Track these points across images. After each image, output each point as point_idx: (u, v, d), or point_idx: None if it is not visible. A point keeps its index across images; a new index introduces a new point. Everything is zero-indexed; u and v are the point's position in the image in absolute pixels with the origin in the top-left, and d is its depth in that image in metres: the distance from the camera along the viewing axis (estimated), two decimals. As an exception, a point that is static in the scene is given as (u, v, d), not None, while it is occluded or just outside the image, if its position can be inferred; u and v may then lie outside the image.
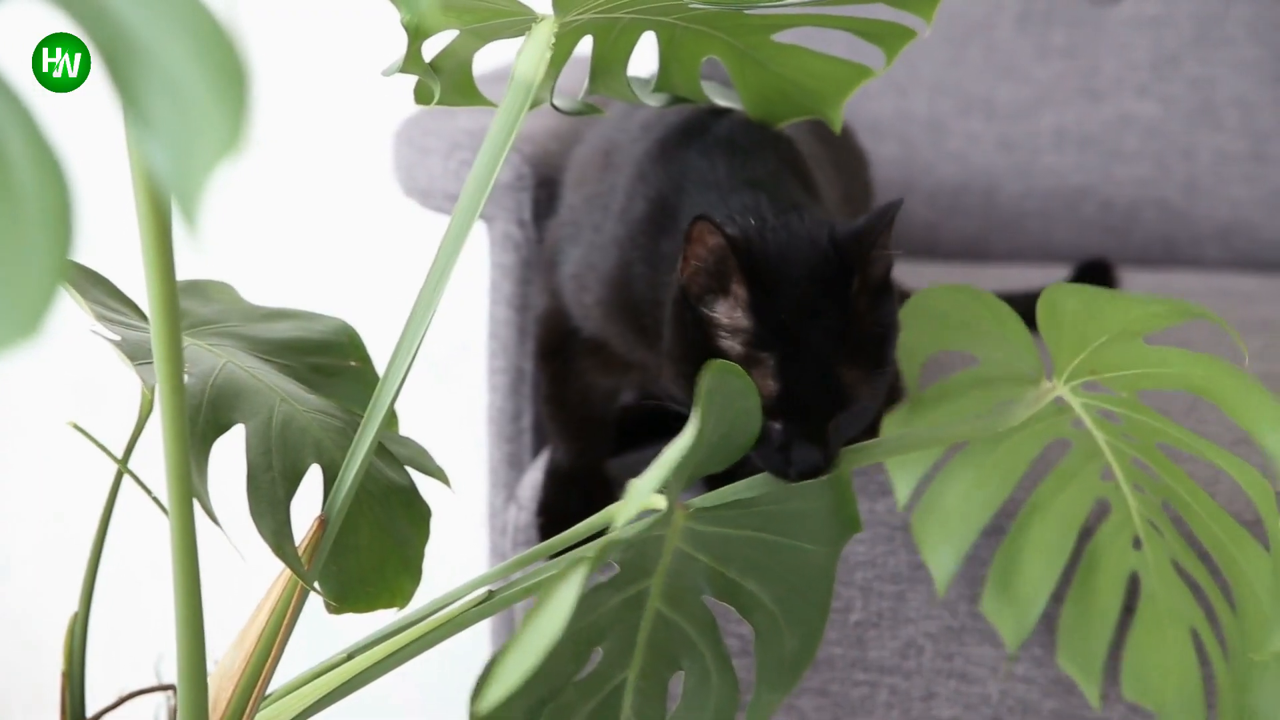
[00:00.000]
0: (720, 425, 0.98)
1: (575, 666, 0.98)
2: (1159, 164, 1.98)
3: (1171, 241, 1.98)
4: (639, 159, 1.22)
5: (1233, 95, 1.97)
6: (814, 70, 1.13)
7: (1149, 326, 1.00)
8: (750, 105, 1.15)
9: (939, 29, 2.03)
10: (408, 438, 1.14)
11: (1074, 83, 2.00)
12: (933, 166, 2.01)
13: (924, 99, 2.02)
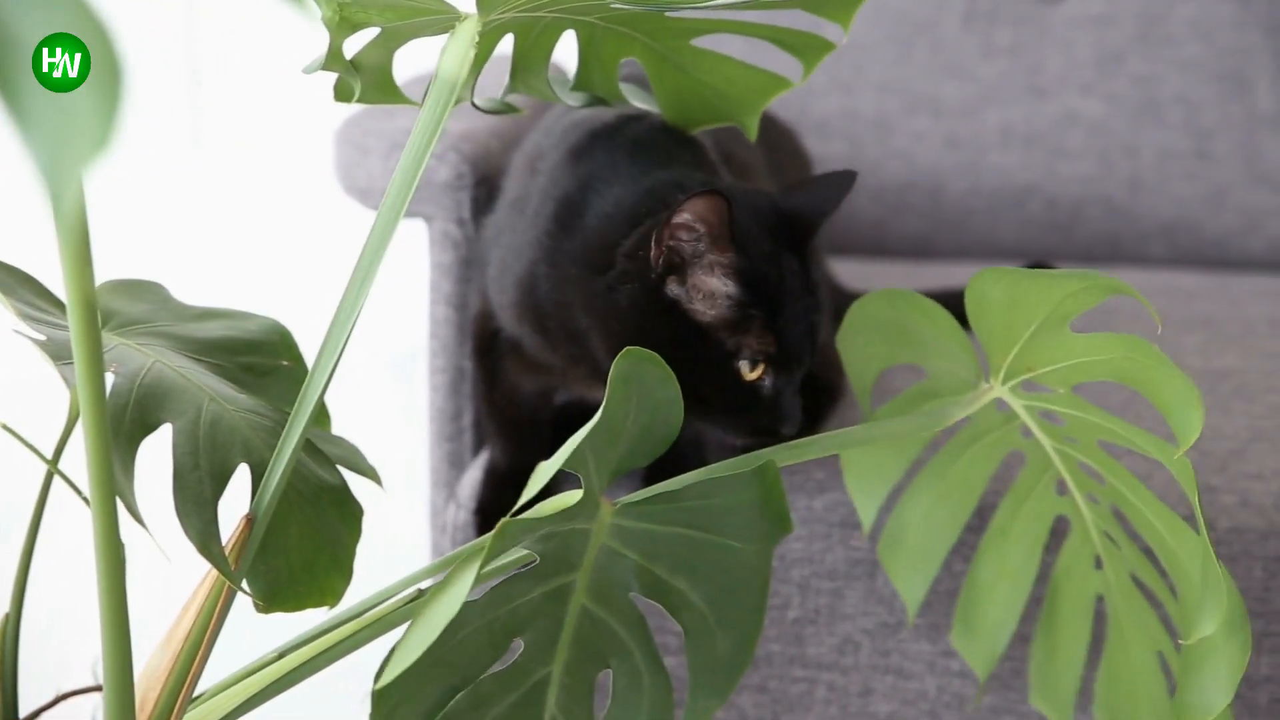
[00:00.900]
0: (641, 415, 0.98)
1: (491, 655, 0.98)
2: (1103, 162, 1.99)
3: (1116, 239, 1.99)
4: (552, 163, 1.23)
5: (1175, 93, 1.98)
6: (732, 77, 1.14)
7: (1074, 308, 1.01)
8: (667, 109, 1.16)
9: (885, 28, 2.04)
10: (340, 437, 1.14)
11: (1019, 81, 2.01)
12: (879, 165, 2.02)
13: (871, 98, 2.03)
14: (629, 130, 1.22)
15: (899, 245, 2.03)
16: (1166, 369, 0.96)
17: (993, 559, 1.19)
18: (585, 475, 0.97)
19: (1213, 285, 1.84)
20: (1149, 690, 1.13)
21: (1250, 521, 1.30)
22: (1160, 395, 0.98)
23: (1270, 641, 1.30)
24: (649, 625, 1.04)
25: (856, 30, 2.04)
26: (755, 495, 1.04)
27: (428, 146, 0.95)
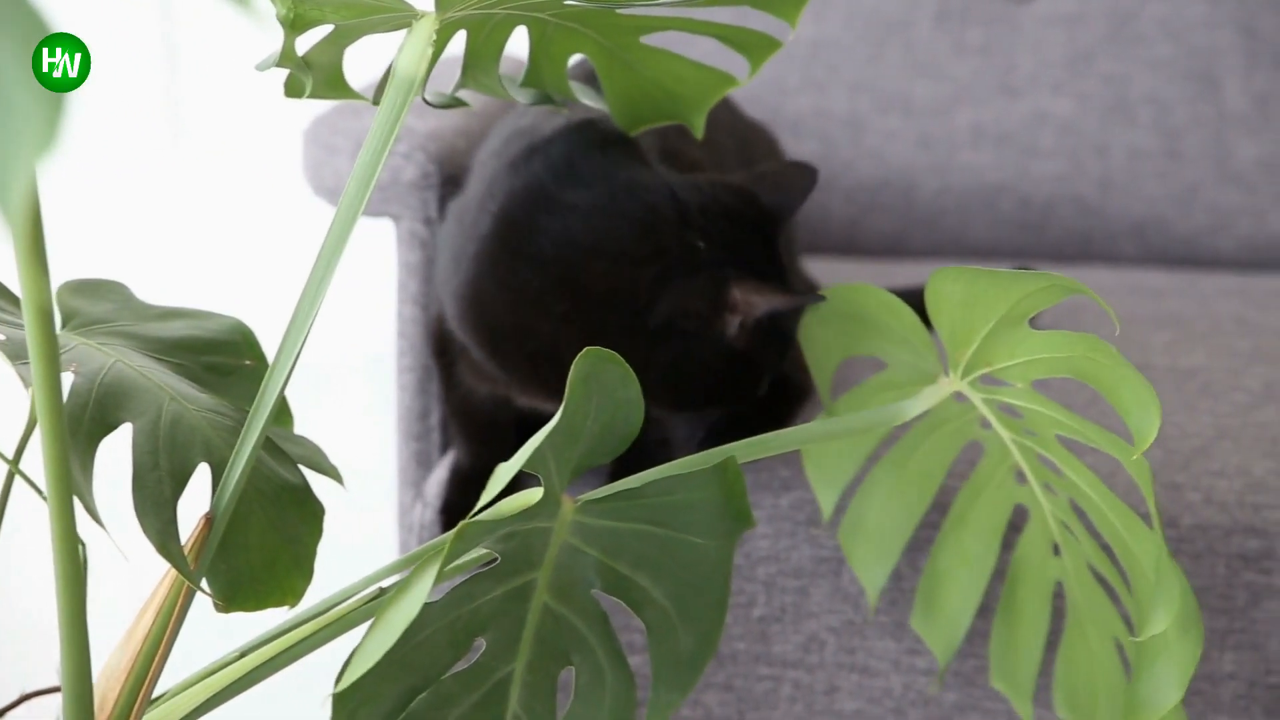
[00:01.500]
0: (601, 415, 0.98)
1: (453, 655, 0.98)
2: (1074, 161, 1.99)
3: (1087, 237, 2.00)
4: (491, 174, 1.26)
5: (1146, 92, 1.99)
6: (680, 75, 1.14)
7: (1032, 306, 1.01)
8: (615, 106, 1.16)
9: (858, 28, 2.04)
10: (302, 436, 1.14)
11: (990, 80, 2.02)
12: (852, 164, 2.02)
13: (843, 97, 2.03)
14: (570, 142, 1.23)
15: (871, 244, 2.04)
16: (1124, 369, 0.97)
17: (952, 545, 1.20)
18: (546, 474, 0.97)
19: (1182, 284, 1.84)
20: (1106, 675, 1.14)
21: (1214, 518, 1.31)
22: (1118, 395, 0.98)
23: (1234, 639, 1.30)
24: (611, 622, 1.04)
25: (829, 29, 2.04)
26: (716, 491, 1.04)
27: (386, 144, 0.95)
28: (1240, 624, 1.30)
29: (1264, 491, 1.32)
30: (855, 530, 1.21)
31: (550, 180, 1.21)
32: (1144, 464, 0.97)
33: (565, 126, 1.25)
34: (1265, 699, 1.30)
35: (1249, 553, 1.30)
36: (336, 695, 0.93)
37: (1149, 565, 1.02)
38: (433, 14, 0.96)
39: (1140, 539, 1.03)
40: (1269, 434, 1.40)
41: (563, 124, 1.26)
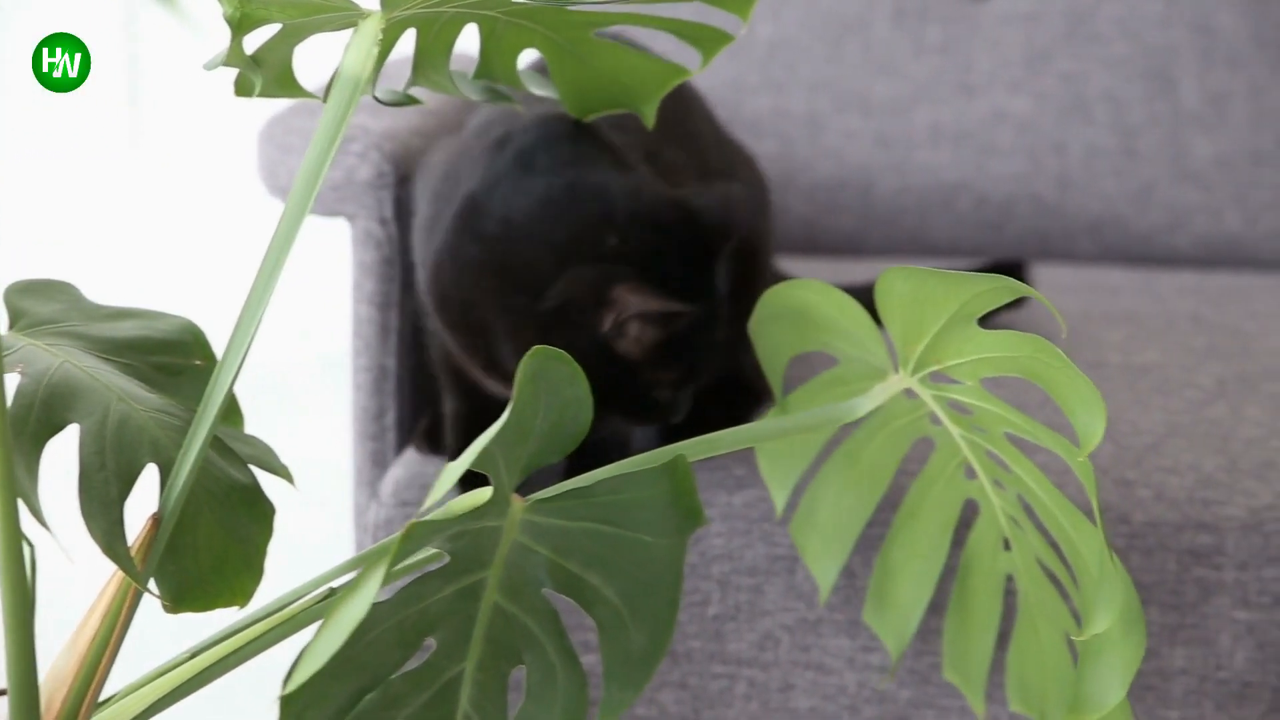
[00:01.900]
0: (550, 413, 0.98)
1: (402, 655, 0.98)
2: (1032, 159, 2.00)
3: (1045, 235, 2.00)
4: (469, 159, 1.29)
5: (1103, 91, 2.00)
6: (631, 67, 1.15)
7: (981, 306, 1.02)
8: (567, 98, 1.18)
9: (816, 27, 2.04)
10: (253, 436, 1.13)
11: (949, 79, 2.02)
12: (810, 163, 2.02)
13: (802, 96, 2.04)
14: (540, 133, 1.26)
15: (830, 243, 2.04)
16: (1070, 371, 0.97)
17: (904, 540, 1.21)
18: (495, 473, 0.98)
19: (1138, 281, 1.85)
20: (1057, 669, 1.15)
21: (1164, 515, 1.32)
22: (1065, 396, 0.99)
23: (1185, 634, 1.31)
24: (562, 621, 1.04)
25: (787, 29, 2.05)
26: (666, 489, 1.04)
27: (333, 143, 0.95)
28: (1191, 619, 1.31)
29: (1214, 487, 1.33)
30: (808, 525, 1.22)
31: (513, 166, 1.25)
32: (1088, 464, 0.98)
33: (542, 116, 1.28)
34: (1216, 694, 1.31)
35: (1199, 548, 1.31)
36: (284, 697, 0.93)
37: (1094, 563, 1.02)
38: (378, 13, 0.96)
39: (1086, 537, 1.04)
40: (1220, 430, 1.41)
41: (541, 113, 1.29)
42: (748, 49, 2.04)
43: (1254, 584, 1.30)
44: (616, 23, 1.10)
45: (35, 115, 3.09)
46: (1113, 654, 1.00)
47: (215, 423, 0.97)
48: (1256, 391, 1.49)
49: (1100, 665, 1.01)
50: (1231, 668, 1.31)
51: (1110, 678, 1.00)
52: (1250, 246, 1.96)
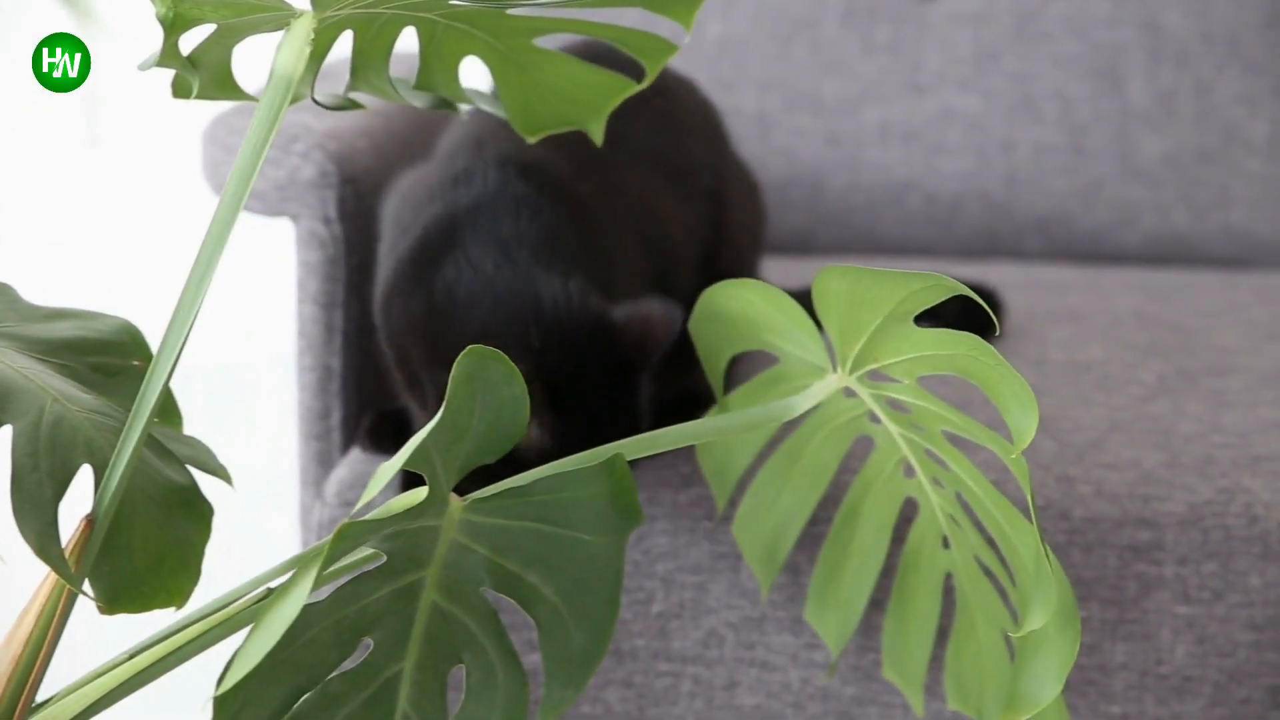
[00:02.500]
0: (487, 413, 0.98)
1: (339, 655, 0.97)
2: (981, 157, 2.01)
3: (994, 233, 2.01)
4: (430, 185, 1.33)
5: (1051, 89, 2.01)
6: (576, 79, 1.13)
7: (917, 305, 1.02)
8: (512, 112, 1.16)
9: (766, 26, 2.05)
10: (191, 437, 1.13)
11: (898, 78, 2.03)
12: (760, 162, 2.03)
13: (752, 95, 2.04)
14: (500, 187, 1.31)
15: (781, 241, 2.04)
16: (1003, 369, 0.98)
17: (845, 537, 1.21)
18: (431, 473, 0.97)
19: (1085, 279, 1.86)
20: (994, 666, 1.16)
21: (1105, 511, 1.32)
22: (999, 394, 0.99)
23: (1125, 629, 1.32)
24: (503, 620, 1.04)
25: (737, 28, 2.05)
26: (604, 488, 1.04)
27: (265, 143, 0.95)
28: (1131, 615, 1.32)
29: (1154, 483, 1.34)
30: (749, 523, 1.22)
31: (468, 226, 1.30)
32: (1023, 461, 0.98)
33: (503, 158, 1.32)
34: (1156, 688, 1.32)
35: (1139, 544, 1.31)
36: (218, 697, 0.92)
37: (1031, 560, 1.03)
38: (310, 13, 0.95)
39: (1023, 534, 1.04)
40: (1161, 426, 1.42)
41: (502, 154, 1.32)
42: (697, 48, 2.04)
43: (1193, 579, 1.31)
44: (558, 29, 1.10)
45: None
46: (1048, 651, 1.01)
47: (149, 422, 0.97)
48: (1197, 387, 1.50)
49: (1036, 662, 1.02)
50: (1172, 662, 1.32)
51: (1046, 674, 1.01)
52: (1197, 243, 1.98)
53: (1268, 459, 1.37)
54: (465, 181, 1.31)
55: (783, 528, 1.22)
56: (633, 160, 1.41)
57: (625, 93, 1.15)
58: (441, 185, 1.33)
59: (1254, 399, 1.48)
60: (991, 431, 1.02)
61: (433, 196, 1.32)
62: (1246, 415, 1.44)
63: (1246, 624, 1.31)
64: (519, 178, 1.31)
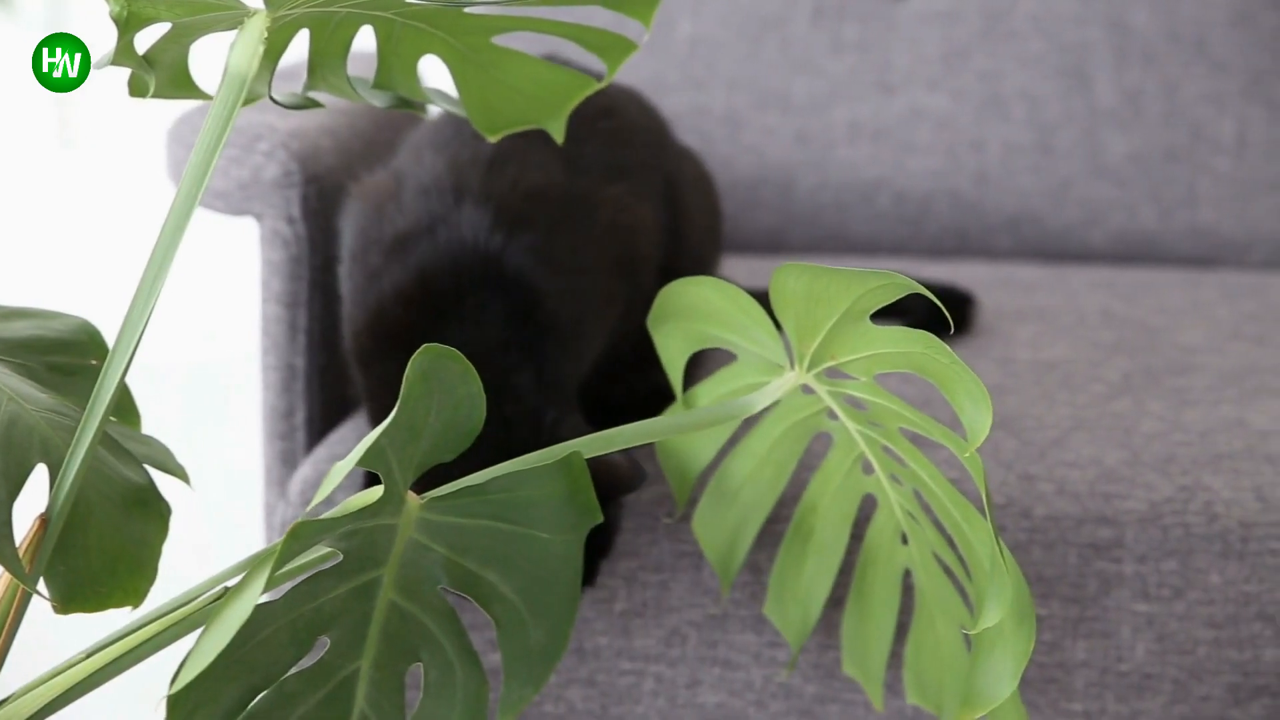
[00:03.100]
0: (443, 411, 0.98)
1: (295, 653, 0.97)
2: (950, 156, 2.01)
3: (963, 232, 2.02)
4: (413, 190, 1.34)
5: (1020, 88, 2.01)
6: (535, 77, 1.13)
7: (873, 303, 1.02)
8: (472, 111, 1.15)
9: (735, 25, 2.05)
10: (149, 436, 1.13)
11: (867, 77, 2.03)
12: (730, 160, 2.03)
13: (721, 94, 2.04)
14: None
15: (751, 240, 2.05)
16: (957, 367, 0.98)
17: (803, 533, 1.22)
18: (386, 471, 0.97)
19: (1053, 277, 1.87)
20: (953, 661, 1.16)
21: (1066, 509, 1.33)
22: (953, 392, 1.00)
23: (1085, 627, 1.32)
24: (461, 619, 1.04)
25: (707, 27, 2.05)
26: (562, 486, 1.05)
27: (219, 142, 0.95)
28: (1092, 612, 1.32)
29: (1115, 481, 1.34)
30: (709, 520, 1.23)
31: (438, 305, 1.31)
32: (977, 459, 0.99)
33: (481, 193, 1.33)
34: (1116, 686, 1.33)
35: (1100, 542, 1.32)
36: (171, 697, 0.92)
37: (986, 557, 1.03)
38: (264, 12, 0.95)
39: (979, 531, 1.05)
40: (1123, 424, 1.42)
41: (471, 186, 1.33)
42: (667, 47, 2.04)
43: (1153, 576, 1.32)
44: (516, 28, 1.09)
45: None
46: (1004, 648, 1.01)
47: (104, 420, 0.97)
48: (1160, 386, 1.51)
49: (992, 659, 1.02)
50: (1132, 660, 1.32)
51: (1001, 671, 1.01)
52: (1164, 242, 1.98)
53: (1228, 457, 1.37)
54: (434, 236, 1.31)
55: (742, 524, 1.22)
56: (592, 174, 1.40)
57: (585, 90, 1.15)
58: (415, 198, 1.33)
59: (1216, 397, 1.48)
60: (947, 429, 1.03)
61: (404, 212, 1.32)
62: (1208, 413, 1.44)
63: (1206, 621, 1.31)
64: (494, 268, 1.31)
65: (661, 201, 1.46)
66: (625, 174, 1.42)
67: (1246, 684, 1.32)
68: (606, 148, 1.42)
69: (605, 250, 1.37)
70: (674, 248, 1.47)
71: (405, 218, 1.32)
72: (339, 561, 0.99)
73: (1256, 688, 1.32)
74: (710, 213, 1.60)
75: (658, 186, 1.47)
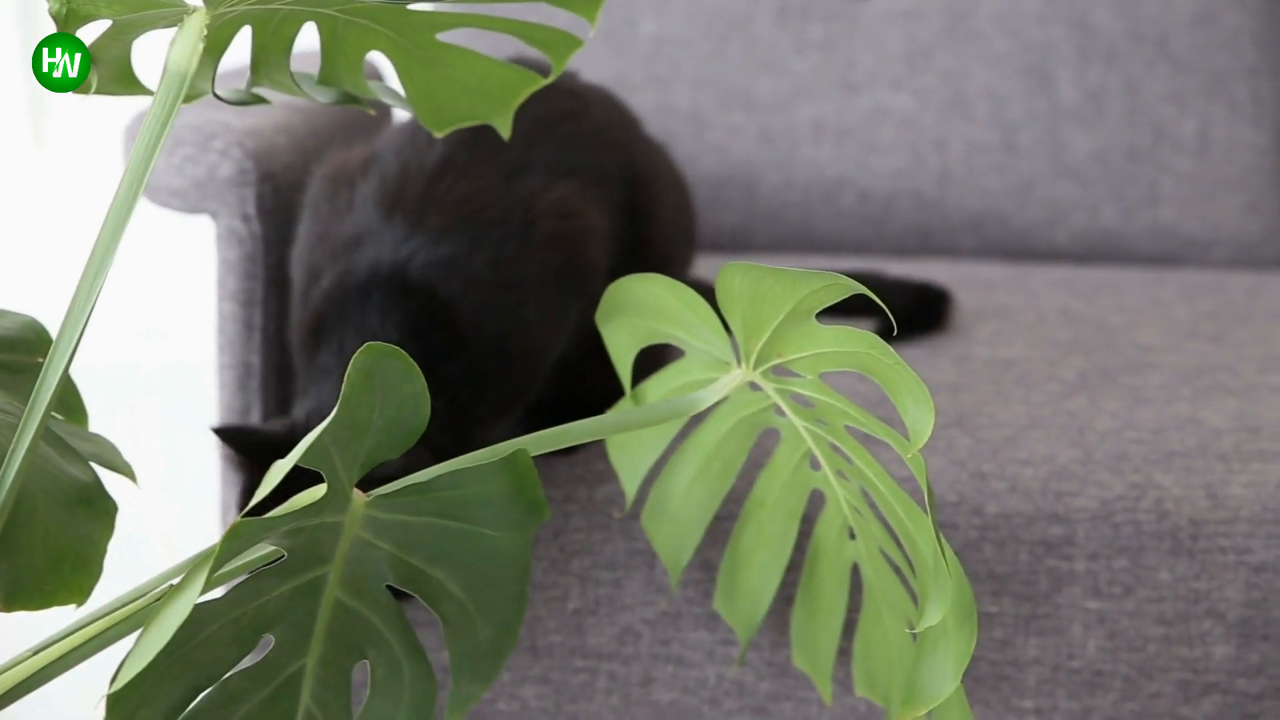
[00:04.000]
0: (387, 409, 0.98)
1: (238, 652, 0.97)
2: (913, 155, 2.01)
3: (927, 231, 2.02)
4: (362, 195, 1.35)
5: (983, 87, 2.01)
6: (481, 73, 1.12)
7: (818, 303, 1.02)
8: (418, 107, 1.15)
9: (700, 24, 2.05)
10: (96, 434, 1.13)
11: (831, 76, 2.04)
12: (695, 159, 2.03)
13: (686, 93, 2.04)
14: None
15: (715, 239, 2.05)
16: (899, 368, 0.98)
17: (753, 527, 1.22)
18: (330, 469, 0.97)
19: (1014, 276, 1.87)
20: (901, 655, 1.17)
21: (1018, 506, 1.33)
22: (896, 392, 1.00)
23: (1037, 624, 1.33)
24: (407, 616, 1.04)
25: (671, 26, 2.05)
26: (507, 484, 1.05)
27: (159, 138, 0.95)
28: (1043, 609, 1.33)
29: (1068, 479, 1.35)
30: (658, 513, 1.23)
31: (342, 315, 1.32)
32: (920, 459, 0.99)
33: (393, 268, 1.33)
34: (1068, 683, 1.33)
35: (1051, 539, 1.32)
36: (111, 696, 0.92)
37: (930, 556, 1.04)
38: (203, 9, 0.95)
39: (922, 530, 1.05)
40: (1077, 422, 1.43)
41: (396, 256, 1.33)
42: (631, 46, 2.04)
43: (1104, 574, 1.32)
44: (461, 24, 1.09)
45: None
46: (946, 646, 1.01)
47: (46, 416, 0.96)
48: (1116, 384, 1.51)
49: (934, 658, 1.02)
50: (1084, 657, 1.33)
51: (944, 669, 1.01)
52: (1126, 241, 1.99)
53: (1180, 454, 1.38)
54: (361, 245, 1.33)
55: (692, 519, 1.23)
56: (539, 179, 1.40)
57: (531, 87, 1.15)
58: (350, 241, 1.34)
59: (1170, 395, 1.49)
60: (891, 429, 1.03)
61: (342, 249, 1.34)
62: (1162, 411, 1.45)
63: (1156, 619, 1.32)
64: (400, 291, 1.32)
65: (620, 205, 1.45)
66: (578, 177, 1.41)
67: (1196, 681, 1.33)
68: (561, 151, 1.42)
69: (546, 259, 1.36)
70: (638, 250, 1.46)
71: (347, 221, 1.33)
72: (283, 560, 0.99)
73: (1206, 685, 1.33)
74: (683, 213, 1.60)
75: (616, 190, 1.46)
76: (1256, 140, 1.99)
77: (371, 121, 1.64)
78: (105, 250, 0.95)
